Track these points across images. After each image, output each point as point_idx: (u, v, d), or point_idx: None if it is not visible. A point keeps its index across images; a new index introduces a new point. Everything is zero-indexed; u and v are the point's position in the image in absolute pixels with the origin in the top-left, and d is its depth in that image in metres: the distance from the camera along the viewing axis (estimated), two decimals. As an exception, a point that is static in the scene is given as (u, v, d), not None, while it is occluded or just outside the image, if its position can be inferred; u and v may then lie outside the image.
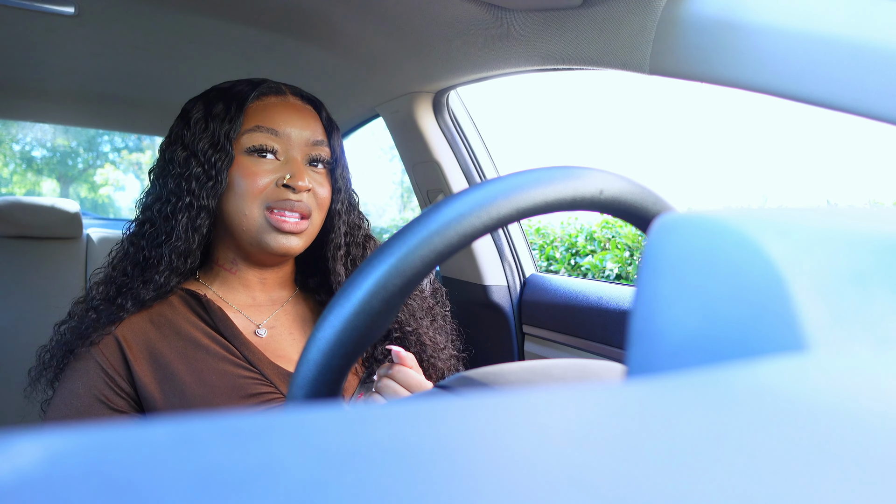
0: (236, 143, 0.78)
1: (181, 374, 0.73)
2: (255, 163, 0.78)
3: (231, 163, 0.78)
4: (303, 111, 0.83)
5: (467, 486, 0.10)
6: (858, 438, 0.13)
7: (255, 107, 0.80)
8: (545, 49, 0.91)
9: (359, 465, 0.11)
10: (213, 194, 0.77)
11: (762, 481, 0.11)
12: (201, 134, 0.78)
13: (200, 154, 0.77)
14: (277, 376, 0.76)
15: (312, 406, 0.30)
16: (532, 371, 0.44)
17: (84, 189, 13.52)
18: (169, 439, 0.12)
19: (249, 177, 0.77)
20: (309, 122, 0.82)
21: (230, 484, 0.10)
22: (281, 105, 0.82)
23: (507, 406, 0.15)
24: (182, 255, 0.77)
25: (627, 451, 0.12)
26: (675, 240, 0.23)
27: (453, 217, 0.38)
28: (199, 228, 0.77)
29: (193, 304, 0.80)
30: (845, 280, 0.21)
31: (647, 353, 0.22)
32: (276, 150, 0.79)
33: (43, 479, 0.10)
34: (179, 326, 0.77)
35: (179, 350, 0.75)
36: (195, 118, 0.80)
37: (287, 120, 0.80)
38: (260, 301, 0.84)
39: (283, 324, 0.84)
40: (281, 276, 0.86)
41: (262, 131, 0.79)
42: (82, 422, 0.70)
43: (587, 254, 3.38)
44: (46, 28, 1.16)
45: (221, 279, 0.83)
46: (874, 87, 0.54)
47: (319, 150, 0.82)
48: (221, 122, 0.78)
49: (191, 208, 0.77)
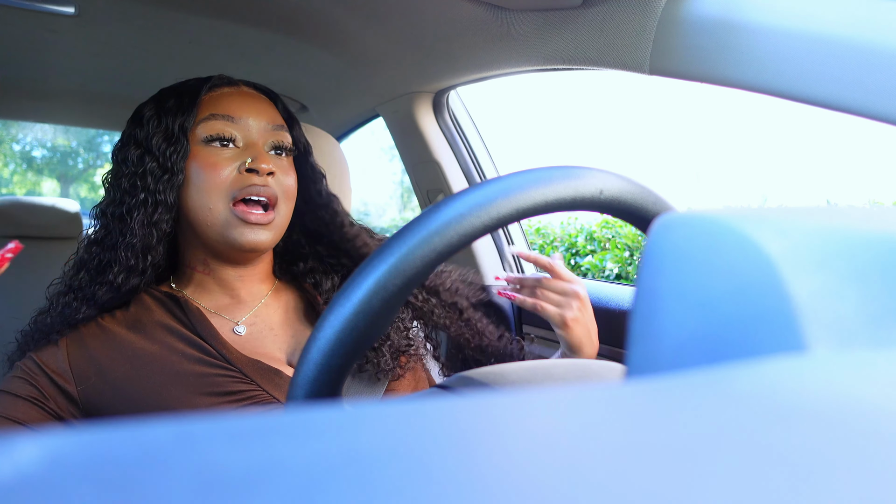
0: (192, 134, 0.76)
1: (158, 373, 0.71)
2: (213, 153, 0.75)
3: (187, 154, 0.75)
4: (258, 99, 0.81)
5: (467, 485, 0.10)
6: (858, 438, 0.13)
7: (208, 98, 0.78)
8: (545, 49, 0.91)
9: (359, 465, 0.11)
10: (171, 187, 0.74)
11: (762, 481, 0.11)
12: (155, 129, 0.75)
13: (155, 149, 0.74)
14: (258, 372, 0.73)
15: (312, 406, 0.30)
16: (532, 371, 0.44)
17: (84, 189, 13.53)
18: (169, 439, 0.12)
19: (209, 168, 0.74)
20: (266, 109, 0.80)
21: (230, 484, 0.10)
22: (235, 94, 0.79)
23: (508, 406, 0.15)
24: (139, 254, 0.74)
25: (627, 451, 0.12)
26: (675, 240, 0.23)
27: (453, 217, 0.38)
28: (158, 224, 0.74)
29: (171, 305, 0.77)
30: (845, 280, 0.21)
31: (647, 353, 0.22)
32: (234, 137, 0.76)
33: (43, 479, 0.10)
34: (154, 330, 0.74)
35: (156, 352, 0.72)
36: (147, 116, 0.77)
37: (243, 107, 0.78)
38: (239, 298, 0.81)
39: (263, 319, 0.81)
40: (258, 270, 0.83)
41: (217, 119, 0.76)
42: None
43: (587, 254, 3.38)
44: (47, 28, 1.16)
45: (196, 282, 0.81)
46: (874, 87, 0.54)
47: (280, 136, 0.79)
48: (175, 115, 0.75)
49: (146, 204, 0.73)
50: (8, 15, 1.10)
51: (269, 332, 0.81)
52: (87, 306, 0.73)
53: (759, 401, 0.15)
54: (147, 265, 0.75)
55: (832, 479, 0.11)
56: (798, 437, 0.13)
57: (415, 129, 1.33)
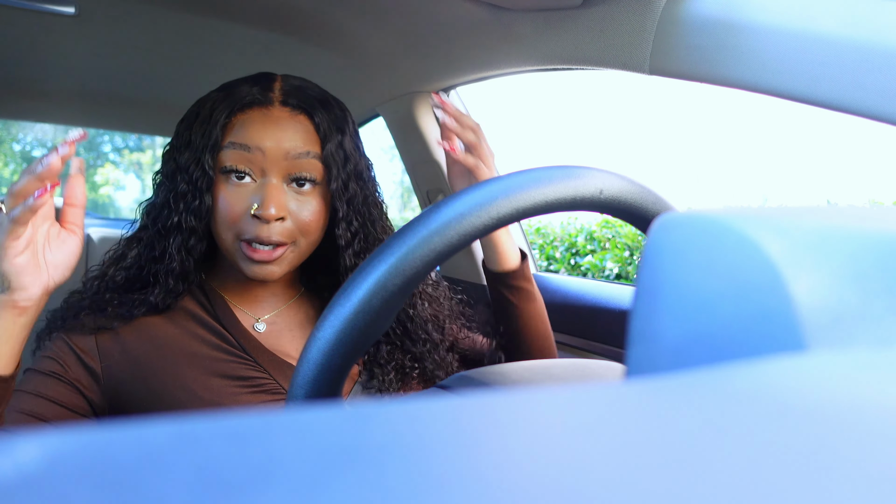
0: (218, 159, 0.74)
1: (176, 354, 0.74)
2: (229, 189, 0.73)
3: (211, 184, 0.73)
4: (285, 121, 0.74)
5: (467, 485, 0.10)
6: (858, 438, 0.13)
7: (234, 120, 0.74)
8: (545, 49, 0.91)
9: (359, 464, 0.11)
10: (199, 216, 0.73)
11: (762, 481, 0.11)
12: (184, 148, 0.74)
13: (184, 170, 0.74)
14: (271, 363, 0.76)
15: (312, 406, 0.30)
16: (532, 371, 0.45)
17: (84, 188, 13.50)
18: (169, 438, 0.12)
19: (223, 203, 0.73)
20: (290, 134, 0.73)
21: (230, 483, 0.10)
22: (259, 117, 0.74)
23: (507, 406, 0.15)
24: (178, 279, 0.76)
25: (627, 451, 0.12)
26: (675, 240, 0.23)
27: (453, 217, 0.38)
28: (192, 251, 0.75)
29: (197, 293, 0.81)
30: (845, 280, 0.21)
31: (646, 353, 0.22)
32: (248, 171, 0.73)
33: (43, 478, 0.10)
34: (177, 315, 0.78)
35: (177, 335, 0.76)
36: (183, 127, 0.76)
37: (262, 134, 0.72)
38: (262, 298, 0.84)
39: (284, 321, 0.83)
40: (283, 279, 0.84)
41: (234, 148, 0.73)
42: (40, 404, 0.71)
43: (587, 253, 3.38)
44: (47, 28, 1.16)
45: (225, 274, 0.84)
46: (874, 87, 0.54)
47: (300, 167, 0.73)
48: (201, 137, 0.73)
49: (181, 230, 0.74)
50: (8, 15, 1.10)
51: (287, 332, 0.82)
52: (118, 322, 0.76)
53: (759, 400, 0.15)
54: (183, 289, 0.77)
55: (832, 479, 0.11)
56: (798, 437, 0.13)
57: (415, 129, 1.33)
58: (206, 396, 0.72)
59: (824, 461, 0.12)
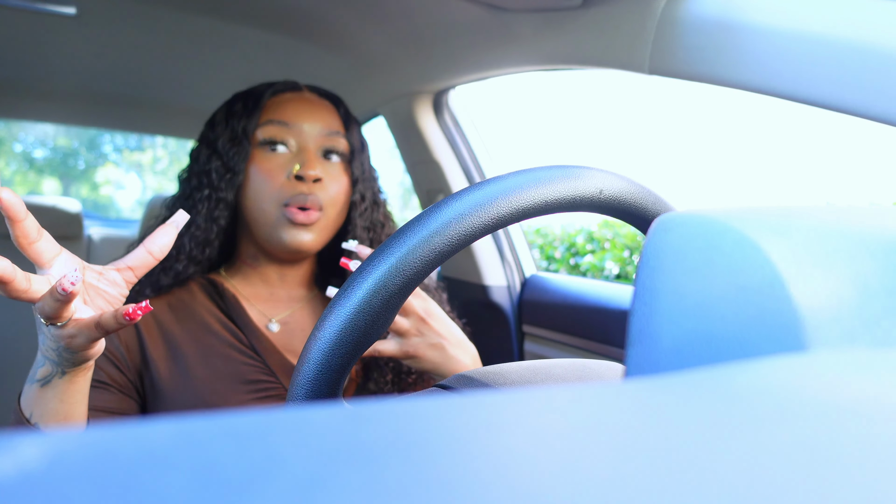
0: (253, 137, 0.82)
1: (189, 354, 0.76)
2: (267, 157, 0.81)
3: (248, 156, 0.81)
4: (317, 105, 0.85)
5: (467, 484, 0.10)
6: (858, 438, 0.13)
7: (271, 103, 0.84)
8: (545, 49, 0.91)
9: (359, 463, 0.11)
10: (231, 186, 0.80)
11: (762, 481, 0.11)
12: (222, 131, 0.82)
13: (221, 149, 0.81)
14: (281, 368, 0.77)
15: (313, 405, 0.30)
16: (532, 371, 0.45)
17: (85, 188, 13.53)
18: (170, 437, 0.12)
19: (263, 172, 0.80)
20: (323, 115, 0.84)
21: (231, 482, 0.10)
22: (295, 99, 0.84)
23: (507, 405, 0.15)
24: (200, 245, 0.80)
25: (627, 450, 0.12)
26: (675, 240, 0.23)
27: (453, 217, 0.38)
28: (218, 220, 0.81)
29: (211, 291, 0.83)
30: (845, 280, 0.21)
31: (646, 353, 0.22)
32: (287, 141, 0.81)
33: (44, 477, 0.10)
34: (194, 311, 0.80)
35: (191, 332, 0.78)
36: (217, 119, 0.84)
37: (299, 113, 0.83)
38: (277, 297, 0.85)
39: (297, 321, 0.85)
40: (301, 273, 0.87)
41: (274, 124, 0.82)
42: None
43: (587, 254, 3.38)
44: (48, 28, 1.16)
45: (242, 273, 0.86)
46: (874, 87, 0.54)
47: (333, 142, 0.84)
48: (239, 119, 0.82)
49: (209, 200, 0.80)
50: (8, 15, 1.10)
51: (300, 332, 0.84)
52: (150, 289, 0.80)
53: (759, 400, 0.15)
54: (204, 257, 0.82)
55: (832, 479, 0.11)
56: (798, 437, 0.13)
57: (415, 129, 1.33)
58: (212, 401, 0.73)
59: (824, 461, 0.12)
